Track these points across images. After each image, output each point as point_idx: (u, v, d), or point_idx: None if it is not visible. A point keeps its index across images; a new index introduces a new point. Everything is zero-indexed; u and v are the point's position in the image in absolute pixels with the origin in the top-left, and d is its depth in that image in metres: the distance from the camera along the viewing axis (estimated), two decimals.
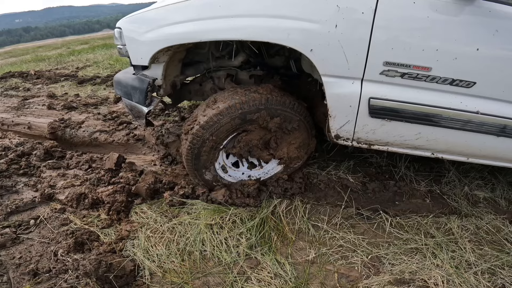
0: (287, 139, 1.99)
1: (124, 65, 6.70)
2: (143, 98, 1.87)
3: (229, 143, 1.94)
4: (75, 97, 4.44)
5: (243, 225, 1.79)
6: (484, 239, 1.74)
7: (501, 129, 1.51)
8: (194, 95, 2.39)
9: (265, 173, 2.12)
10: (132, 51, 1.86)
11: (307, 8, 1.36)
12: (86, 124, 3.28)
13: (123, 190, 2.08)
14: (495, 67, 1.38)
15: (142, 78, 1.89)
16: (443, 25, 1.32)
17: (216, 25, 1.51)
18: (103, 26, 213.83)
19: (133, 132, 3.02)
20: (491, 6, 1.28)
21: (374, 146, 1.73)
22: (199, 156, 1.85)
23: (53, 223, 1.92)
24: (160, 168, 2.48)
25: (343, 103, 1.56)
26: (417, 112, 1.51)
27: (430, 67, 1.38)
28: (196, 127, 1.77)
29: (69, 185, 2.29)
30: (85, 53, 9.89)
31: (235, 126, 1.79)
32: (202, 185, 2.03)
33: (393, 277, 1.49)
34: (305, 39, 1.40)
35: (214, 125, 1.74)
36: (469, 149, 1.66)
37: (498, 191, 2.18)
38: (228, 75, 2.22)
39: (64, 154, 2.77)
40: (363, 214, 1.90)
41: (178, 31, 1.62)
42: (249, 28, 1.46)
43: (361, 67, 1.42)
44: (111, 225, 1.89)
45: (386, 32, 1.33)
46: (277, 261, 1.61)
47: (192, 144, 1.80)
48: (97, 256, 1.58)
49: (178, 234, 1.77)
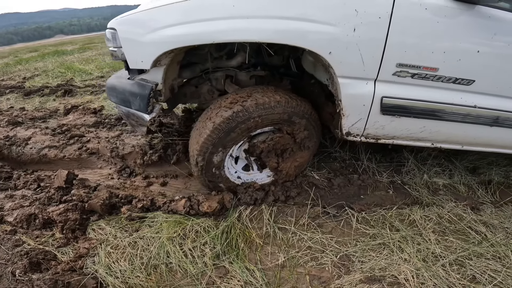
0: (296, 155, 2.02)
1: (76, 73, 6.31)
2: (144, 105, 1.73)
3: (260, 136, 1.88)
4: (21, 111, 4.08)
5: (207, 234, 1.72)
6: (448, 228, 1.78)
7: (494, 120, 1.71)
8: (190, 98, 2.26)
9: (251, 179, 2.06)
10: (130, 54, 1.69)
11: (326, 12, 1.38)
12: (33, 140, 3.01)
13: (76, 208, 1.93)
14: (492, 66, 1.55)
15: (143, 84, 1.75)
16: (450, 30, 1.44)
17: (232, 25, 1.44)
18: (55, 32, 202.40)
19: (85, 146, 2.81)
20: (490, 12, 1.42)
21: (380, 140, 1.83)
22: (231, 132, 1.72)
23: (6, 245, 1.77)
24: (118, 182, 2.32)
25: (357, 103, 1.63)
26: (424, 108, 1.64)
27: (438, 68, 1.51)
28: (250, 102, 1.69)
29: (18, 206, 2.11)
30: (33, 61, 9.18)
31: (279, 121, 1.78)
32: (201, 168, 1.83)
33: (364, 275, 1.49)
34: (324, 42, 1.43)
35: (267, 109, 1.70)
36: (466, 139, 1.85)
37: (456, 177, 2.27)
38: (227, 76, 2.12)
39: (11, 175, 2.53)
40: (329, 212, 1.89)
41: (188, 31, 1.49)
42: (268, 31, 1.43)
43: (375, 69, 1.50)
44: (67, 243, 1.76)
45: (401, 36, 1.42)
46: (247, 268, 1.56)
47: (235, 116, 1.67)
48: (53, 276, 1.47)
49: (140, 249, 1.66)
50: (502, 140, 1.87)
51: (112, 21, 1.78)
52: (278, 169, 2.01)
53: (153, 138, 2.75)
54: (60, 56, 9.81)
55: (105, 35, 1.86)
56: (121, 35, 1.68)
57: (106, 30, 1.81)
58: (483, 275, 1.49)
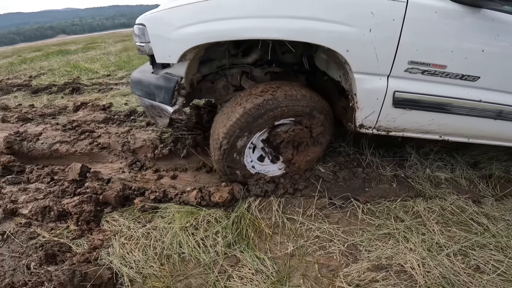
0: (309, 149, 2.12)
1: (82, 72, 6.39)
2: (169, 97, 1.84)
3: (282, 126, 1.96)
4: (30, 107, 4.16)
5: (218, 224, 1.78)
6: (451, 220, 1.84)
7: (498, 114, 1.82)
8: (206, 93, 2.33)
9: (264, 170, 2.13)
10: (158, 49, 1.79)
11: (345, 13, 1.50)
12: (44, 136, 3.07)
13: (91, 200, 1.99)
14: (495, 64, 1.66)
15: (169, 77, 1.86)
16: (457, 31, 1.56)
17: (259, 24, 1.55)
18: (57, 32, 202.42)
19: (96, 141, 2.88)
20: (494, 14, 1.54)
21: (391, 132, 1.93)
22: (259, 118, 1.81)
23: (21, 237, 1.82)
24: (129, 175, 2.39)
25: (371, 96, 1.74)
26: (433, 102, 1.75)
27: (446, 65, 1.62)
28: (280, 93, 1.81)
29: (32, 199, 2.16)
30: (38, 60, 9.28)
31: (301, 113, 1.89)
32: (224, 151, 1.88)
33: (371, 263, 1.55)
34: (342, 41, 1.54)
35: (293, 101, 1.82)
36: (471, 131, 1.95)
37: (458, 171, 2.33)
38: (243, 72, 2.21)
39: (23, 169, 2.59)
40: (335, 203, 1.95)
41: (215, 28, 1.60)
42: (292, 30, 1.54)
43: (389, 66, 1.62)
44: (82, 235, 1.81)
45: (412, 36, 1.53)
46: (257, 257, 1.61)
47: (265, 103, 1.78)
48: (71, 266, 1.52)
49: (153, 239, 1.72)
50: (506, 132, 1.97)
51: (141, 17, 1.88)
52: (292, 161, 2.09)
53: (163, 133, 2.82)
54: (64, 56, 9.89)
55: (133, 31, 1.96)
56: (150, 31, 1.78)
57: (135, 26, 1.91)
58: (486, 265, 1.53)
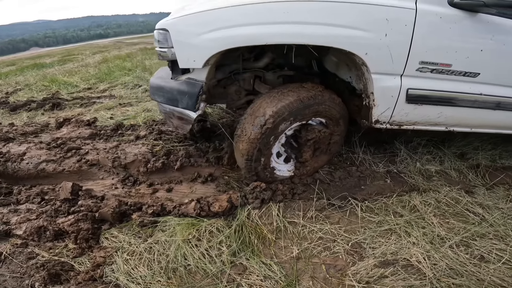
0: (320, 157, 2.23)
1: (61, 86, 6.20)
2: (193, 103, 1.85)
3: (315, 125, 2.06)
4: (10, 126, 4.00)
5: (221, 234, 1.77)
6: (447, 211, 1.90)
7: (497, 105, 2.03)
8: (218, 98, 2.33)
9: (276, 167, 2.15)
10: (183, 54, 1.78)
11: (364, 20, 1.66)
12: (29, 156, 2.97)
13: (87, 218, 1.95)
14: (492, 61, 1.87)
15: (193, 82, 1.87)
16: (459, 33, 1.75)
17: (287, 30, 1.64)
18: (30, 44, 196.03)
19: (84, 158, 2.80)
20: (489, 18, 1.73)
21: (403, 126, 2.09)
22: (307, 108, 1.90)
23: (19, 258, 1.77)
24: (123, 191, 2.34)
25: (387, 94, 1.89)
26: (441, 97, 1.94)
27: (451, 64, 1.81)
28: (326, 93, 1.96)
29: (25, 220, 2.09)
30: (13, 75, 8.94)
31: (332, 117, 2.04)
32: (266, 130, 1.87)
33: (377, 260, 1.57)
34: (362, 45, 1.70)
35: (333, 104, 1.99)
36: (474, 121, 2.16)
37: (446, 163, 2.41)
38: (256, 76, 2.21)
39: (11, 190, 2.50)
40: (334, 204, 1.97)
41: (244, 33, 1.65)
42: (319, 36, 1.66)
43: (402, 66, 1.78)
44: (82, 253, 1.77)
45: (422, 39, 1.71)
46: (263, 263, 1.61)
47: (315, 96, 1.90)
48: (77, 286, 1.50)
49: (157, 253, 1.70)
50: (504, 121, 2.20)
51: (162, 21, 1.85)
52: (306, 164, 2.16)
53: (154, 146, 2.78)
54: (40, 69, 9.58)
55: (154, 36, 1.93)
56: (174, 36, 1.77)
57: (155, 31, 1.89)
58: (490, 254, 1.58)
